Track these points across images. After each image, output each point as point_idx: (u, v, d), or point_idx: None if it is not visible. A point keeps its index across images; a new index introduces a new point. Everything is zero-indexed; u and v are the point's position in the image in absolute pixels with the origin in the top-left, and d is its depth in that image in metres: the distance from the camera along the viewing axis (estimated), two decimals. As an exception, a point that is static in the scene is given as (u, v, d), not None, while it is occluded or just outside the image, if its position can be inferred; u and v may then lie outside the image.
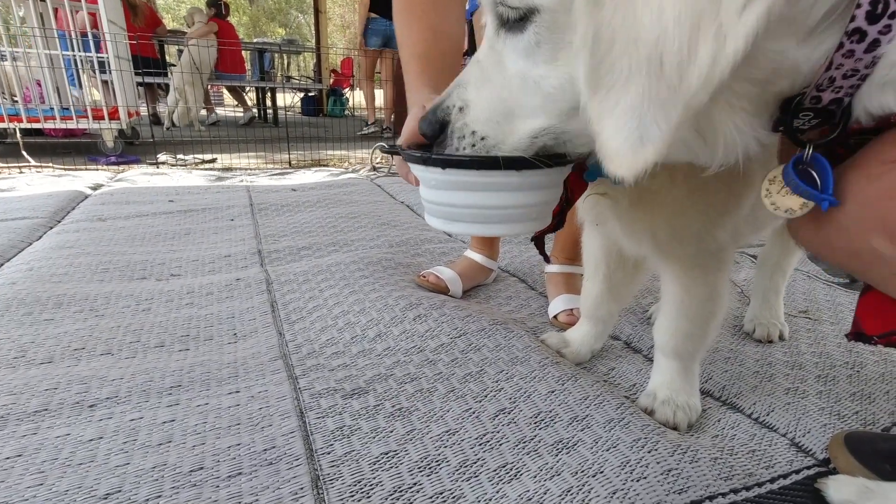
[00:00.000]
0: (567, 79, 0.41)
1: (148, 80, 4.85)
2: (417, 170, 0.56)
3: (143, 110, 4.83)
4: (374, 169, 0.73)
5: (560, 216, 0.71)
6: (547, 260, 0.94)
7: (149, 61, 4.57)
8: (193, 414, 0.85)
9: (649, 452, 0.74)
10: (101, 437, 0.78)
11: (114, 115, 3.42)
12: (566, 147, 0.50)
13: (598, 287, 1.01)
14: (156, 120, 5.40)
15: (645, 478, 0.70)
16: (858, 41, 0.32)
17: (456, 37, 0.93)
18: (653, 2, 0.30)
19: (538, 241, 0.80)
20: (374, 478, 0.71)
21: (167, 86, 5.35)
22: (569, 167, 0.55)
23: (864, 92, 0.35)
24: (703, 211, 0.68)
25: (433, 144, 0.53)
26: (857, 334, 0.53)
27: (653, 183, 0.65)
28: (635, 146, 0.33)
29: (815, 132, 0.39)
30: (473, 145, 0.50)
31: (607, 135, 0.35)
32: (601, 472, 0.70)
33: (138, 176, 3.00)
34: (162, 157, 3.57)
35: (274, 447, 0.77)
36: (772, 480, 0.75)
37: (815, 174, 0.40)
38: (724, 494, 0.70)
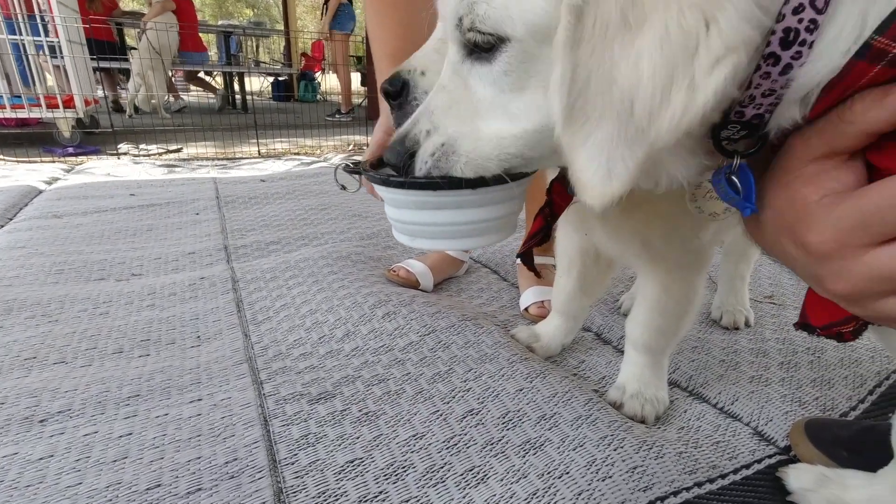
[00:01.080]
0: (534, 107, 0.43)
1: (105, 65, 4.62)
2: (380, 190, 0.57)
3: (108, 97, 4.62)
4: (344, 188, 0.71)
5: (545, 229, 0.71)
6: (538, 275, 0.94)
7: (104, 45, 4.34)
8: (152, 426, 0.82)
9: (615, 450, 0.74)
10: (52, 456, 0.75)
11: (69, 103, 3.26)
12: (534, 168, 0.51)
13: (572, 284, 1.00)
14: (117, 107, 5.18)
15: (610, 477, 0.70)
16: (773, 64, 0.35)
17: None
18: (630, 51, 0.33)
19: (525, 256, 0.79)
20: (339, 488, 0.70)
21: (128, 71, 5.12)
22: (527, 180, 0.54)
23: (779, 111, 0.38)
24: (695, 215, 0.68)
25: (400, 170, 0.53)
26: (803, 324, 0.54)
27: (648, 193, 0.65)
28: (604, 180, 0.36)
29: (744, 143, 0.42)
30: (433, 154, 0.49)
31: (579, 166, 0.37)
32: (567, 473, 0.70)
33: (98, 168, 2.88)
34: (123, 147, 3.43)
35: (236, 459, 0.75)
36: (735, 471, 0.77)
37: (738, 182, 0.42)
38: (688, 489, 0.71)
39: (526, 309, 1.24)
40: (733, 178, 0.42)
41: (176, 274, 1.46)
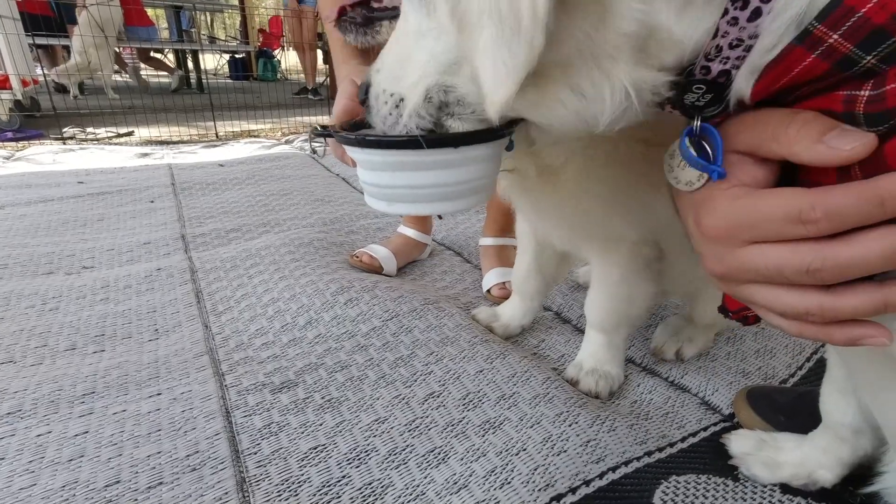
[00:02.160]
0: (444, 30, 0.41)
1: (43, 42, 4.31)
2: (353, 152, 0.54)
3: (49, 77, 4.33)
4: (315, 151, 0.68)
5: None
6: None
7: (40, 20, 4.04)
8: (109, 423, 0.81)
9: (570, 426, 0.78)
10: (2, 459, 0.73)
11: (4, 83, 3.05)
12: (462, 105, 0.47)
13: (527, 264, 1.03)
14: (60, 88, 4.87)
15: (565, 451, 0.73)
16: (742, 8, 0.33)
17: None
18: None
19: None
20: (303, 474, 0.71)
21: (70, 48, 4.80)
22: (507, 139, 0.53)
23: (741, 72, 0.36)
24: (602, 197, 0.69)
25: (366, 113, 0.51)
26: (721, 308, 0.56)
27: (556, 159, 0.66)
28: (494, 85, 0.35)
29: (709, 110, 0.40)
30: (388, 103, 0.49)
31: (476, 74, 0.37)
32: (524, 450, 0.73)
33: (41, 154, 2.72)
34: (68, 131, 3.25)
35: (197, 452, 0.75)
36: (682, 440, 0.81)
37: (706, 146, 0.40)
38: (638, 458, 0.75)
39: (488, 290, 1.26)
40: (701, 141, 0.40)
41: (131, 265, 1.41)
